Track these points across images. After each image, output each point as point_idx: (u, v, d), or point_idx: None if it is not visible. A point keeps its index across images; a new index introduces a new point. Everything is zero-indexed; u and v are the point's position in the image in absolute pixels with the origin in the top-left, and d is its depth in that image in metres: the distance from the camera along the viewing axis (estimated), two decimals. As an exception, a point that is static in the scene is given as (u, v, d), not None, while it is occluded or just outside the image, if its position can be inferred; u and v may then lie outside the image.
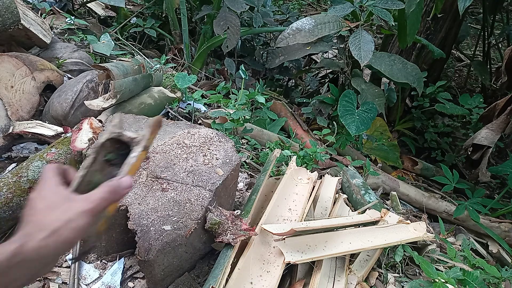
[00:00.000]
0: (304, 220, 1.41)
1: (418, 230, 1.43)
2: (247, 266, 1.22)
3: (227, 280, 1.14)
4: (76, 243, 0.82)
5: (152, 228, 1.19)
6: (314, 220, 1.43)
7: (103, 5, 4.03)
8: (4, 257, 0.61)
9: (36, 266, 0.66)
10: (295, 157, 1.84)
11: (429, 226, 2.05)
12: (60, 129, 1.80)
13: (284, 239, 1.24)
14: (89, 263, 1.41)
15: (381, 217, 1.53)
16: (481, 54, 4.95)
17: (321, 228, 1.32)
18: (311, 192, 1.56)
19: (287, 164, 2.09)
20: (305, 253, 1.23)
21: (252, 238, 1.28)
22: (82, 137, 1.59)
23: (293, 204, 1.49)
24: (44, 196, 0.70)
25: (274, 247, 1.29)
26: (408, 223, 1.48)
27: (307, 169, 1.92)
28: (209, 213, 1.25)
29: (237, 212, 1.34)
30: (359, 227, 1.47)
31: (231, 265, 1.19)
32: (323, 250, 1.26)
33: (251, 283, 1.18)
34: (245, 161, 2.14)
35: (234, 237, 1.23)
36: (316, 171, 1.72)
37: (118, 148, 0.90)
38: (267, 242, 1.32)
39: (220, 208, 1.29)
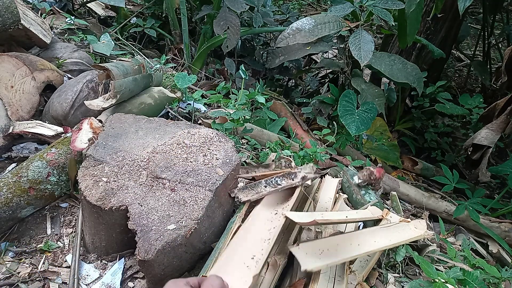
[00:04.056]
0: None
1: (419, 228, 1.43)
2: (252, 225, 1.27)
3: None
4: None
5: (152, 228, 1.19)
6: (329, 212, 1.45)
7: (103, 5, 4.03)
8: None
9: None
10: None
11: (429, 224, 2.05)
12: (60, 129, 1.80)
13: (298, 244, 1.24)
14: (89, 263, 1.41)
15: (383, 216, 1.53)
16: (481, 54, 4.94)
17: (337, 221, 1.36)
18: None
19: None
20: (320, 259, 1.22)
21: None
22: (82, 137, 1.59)
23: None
24: None
25: (276, 213, 1.33)
26: (409, 221, 1.47)
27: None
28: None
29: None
30: (363, 227, 1.47)
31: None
32: (336, 254, 1.25)
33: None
34: (245, 161, 2.14)
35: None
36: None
37: None
38: (270, 207, 1.36)
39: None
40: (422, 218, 2.13)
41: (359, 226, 1.61)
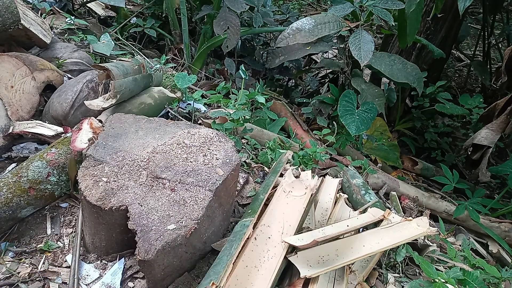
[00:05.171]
0: (299, 229, 1.42)
1: (421, 226, 1.42)
2: (250, 257, 1.24)
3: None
4: None
5: (152, 228, 1.19)
6: (326, 226, 1.43)
7: (103, 5, 4.03)
8: None
9: None
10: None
11: (430, 222, 2.05)
12: (60, 129, 1.80)
13: (296, 253, 1.24)
14: (89, 263, 1.41)
15: (384, 216, 1.53)
16: (481, 54, 4.94)
17: (338, 235, 1.33)
18: (309, 199, 1.54)
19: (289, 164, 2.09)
20: (320, 265, 1.22)
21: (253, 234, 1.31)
22: (82, 137, 1.59)
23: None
24: None
25: (269, 237, 1.31)
26: (411, 220, 1.47)
27: (307, 169, 1.92)
28: None
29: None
30: (366, 229, 1.47)
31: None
32: (336, 259, 1.25)
33: (255, 266, 1.19)
34: (245, 161, 2.14)
35: None
36: (316, 175, 1.71)
37: None
38: (267, 237, 1.34)
39: None
40: (424, 216, 2.13)
41: (359, 229, 1.61)
